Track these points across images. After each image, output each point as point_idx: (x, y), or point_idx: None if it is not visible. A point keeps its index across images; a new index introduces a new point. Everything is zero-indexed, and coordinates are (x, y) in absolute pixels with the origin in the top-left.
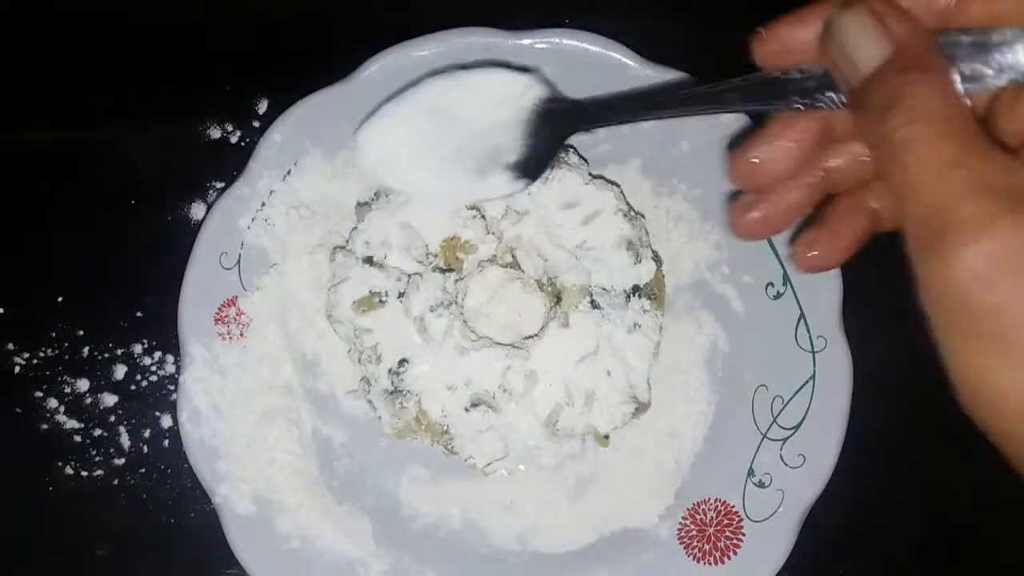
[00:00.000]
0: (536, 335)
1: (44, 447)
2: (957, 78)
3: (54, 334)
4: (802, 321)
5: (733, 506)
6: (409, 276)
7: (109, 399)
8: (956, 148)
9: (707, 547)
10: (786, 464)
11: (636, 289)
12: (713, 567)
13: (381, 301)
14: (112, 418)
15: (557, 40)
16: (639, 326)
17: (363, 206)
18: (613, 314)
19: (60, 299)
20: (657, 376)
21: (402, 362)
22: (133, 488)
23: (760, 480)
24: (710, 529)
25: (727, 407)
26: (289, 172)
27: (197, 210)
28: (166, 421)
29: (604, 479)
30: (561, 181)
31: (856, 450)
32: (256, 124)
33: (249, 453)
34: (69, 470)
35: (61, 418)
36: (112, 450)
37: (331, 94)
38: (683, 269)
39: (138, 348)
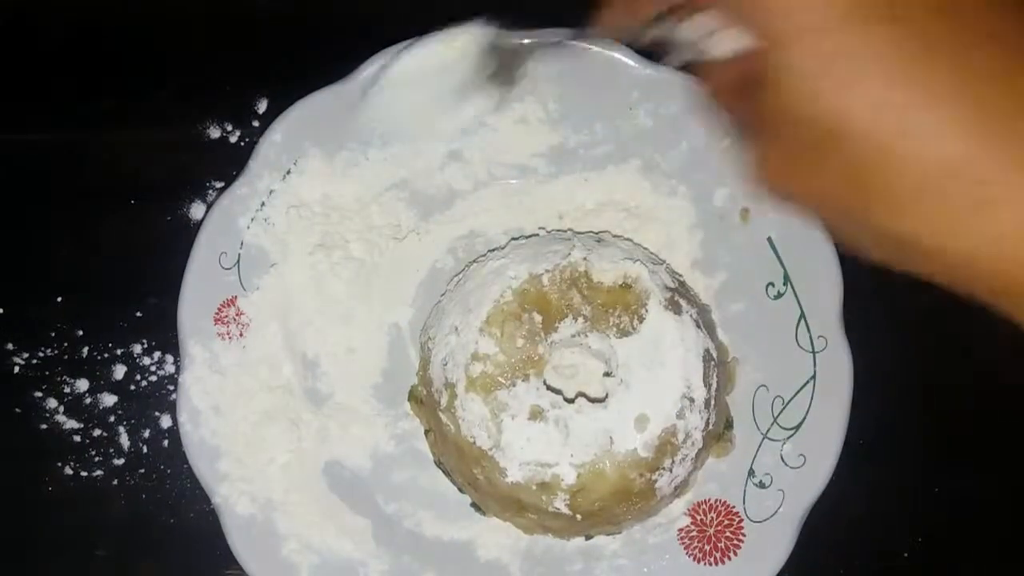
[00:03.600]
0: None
1: (43, 447)
2: None
3: (54, 334)
4: (802, 321)
5: (733, 507)
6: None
7: (108, 399)
8: None
9: (707, 547)
10: (786, 464)
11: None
12: (713, 567)
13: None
14: (112, 418)
15: (557, 40)
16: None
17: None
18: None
19: (60, 299)
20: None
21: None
22: (133, 488)
23: (760, 480)
24: (710, 530)
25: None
26: (289, 172)
27: (197, 210)
28: (166, 421)
29: None
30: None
31: (856, 450)
32: (256, 124)
33: (249, 453)
34: (69, 470)
35: (60, 418)
36: (112, 450)
37: (331, 94)
38: (683, 269)
39: (138, 348)
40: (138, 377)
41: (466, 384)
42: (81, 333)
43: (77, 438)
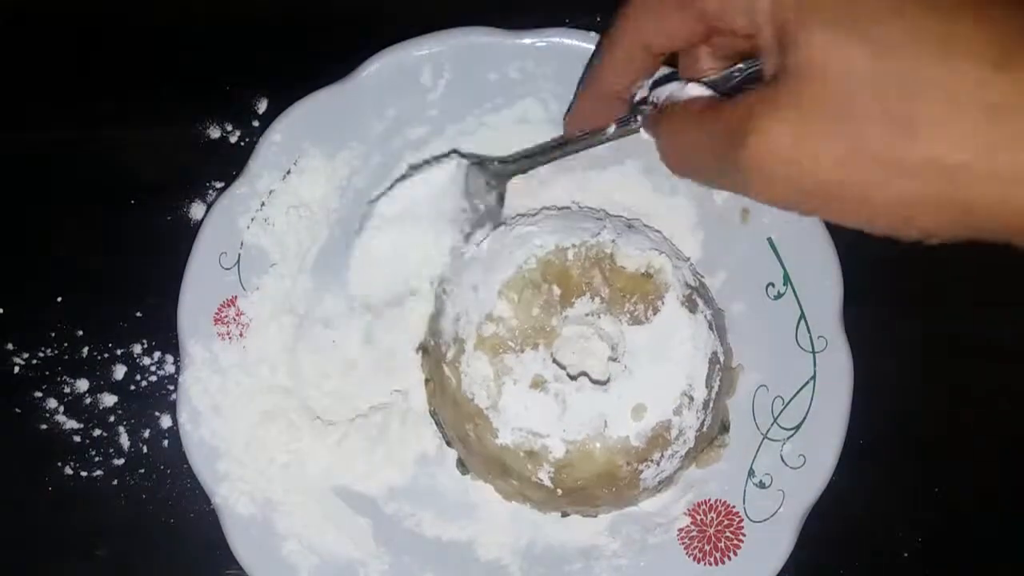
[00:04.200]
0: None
1: (43, 447)
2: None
3: (53, 334)
4: (802, 321)
5: (733, 507)
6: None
7: (109, 399)
8: None
9: (707, 547)
10: (786, 464)
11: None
12: (713, 567)
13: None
14: (112, 418)
15: (558, 39)
16: None
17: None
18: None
19: (60, 299)
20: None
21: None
22: (133, 488)
23: (760, 481)
24: (710, 530)
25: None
26: (289, 172)
27: (196, 210)
28: (166, 421)
29: None
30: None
31: (856, 450)
32: (256, 124)
33: (249, 453)
34: (69, 470)
35: (60, 418)
36: (112, 450)
37: (331, 94)
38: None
39: (137, 348)
40: (138, 377)
41: (476, 342)
42: (81, 333)
43: (77, 438)
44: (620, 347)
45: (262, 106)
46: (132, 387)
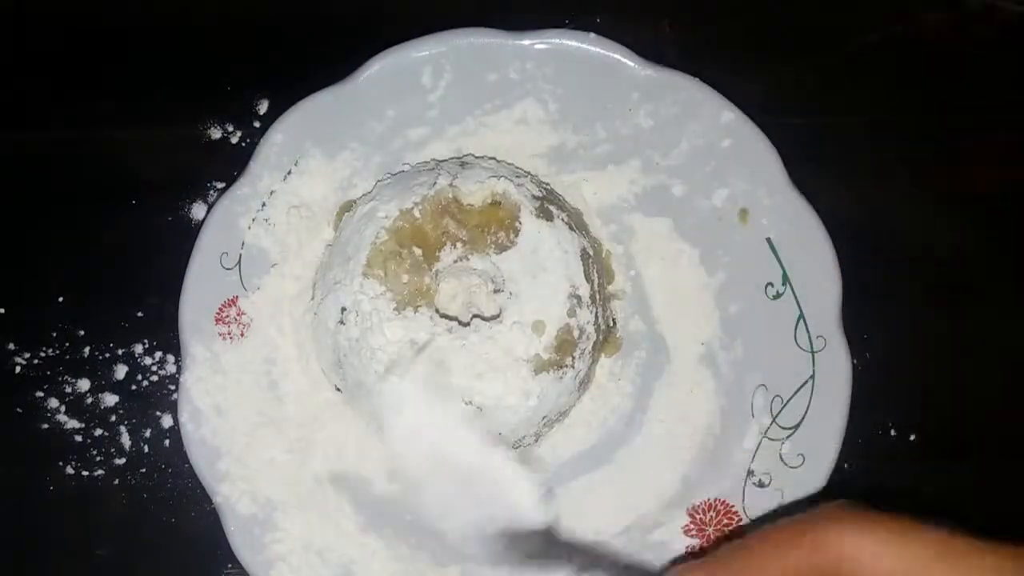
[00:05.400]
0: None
1: (45, 447)
2: None
3: (55, 334)
4: (801, 321)
5: (732, 506)
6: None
7: (110, 399)
8: None
9: (707, 546)
10: (785, 464)
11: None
12: None
13: None
14: (113, 418)
15: (557, 40)
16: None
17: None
18: None
19: (60, 299)
20: (657, 377)
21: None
22: (133, 488)
23: (760, 480)
24: (709, 529)
25: (727, 407)
26: (290, 172)
27: (198, 210)
28: (167, 421)
29: (605, 480)
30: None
31: (856, 450)
32: (257, 124)
33: (249, 453)
34: (70, 470)
35: (62, 418)
36: (113, 450)
37: (331, 94)
38: (681, 269)
39: (139, 348)
40: (139, 377)
41: (363, 329)
42: (82, 333)
43: (78, 438)
44: (498, 278)
45: (263, 106)
46: (133, 387)
